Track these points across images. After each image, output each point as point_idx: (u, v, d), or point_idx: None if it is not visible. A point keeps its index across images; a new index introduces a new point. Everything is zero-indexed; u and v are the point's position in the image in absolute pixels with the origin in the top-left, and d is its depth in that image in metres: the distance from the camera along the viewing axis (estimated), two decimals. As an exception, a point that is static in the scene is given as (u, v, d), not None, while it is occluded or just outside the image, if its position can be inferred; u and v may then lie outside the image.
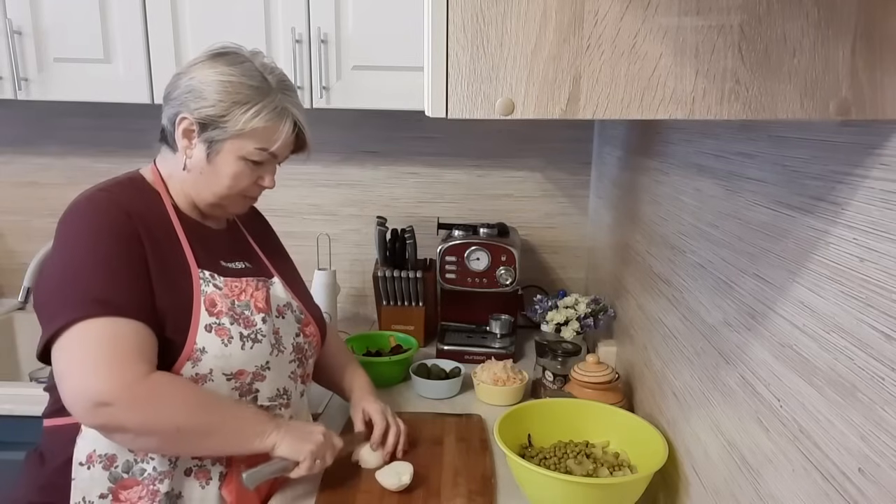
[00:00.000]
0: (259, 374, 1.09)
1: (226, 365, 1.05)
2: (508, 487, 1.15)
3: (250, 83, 1.05)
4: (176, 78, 1.10)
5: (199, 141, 1.07)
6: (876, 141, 0.59)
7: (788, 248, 0.73)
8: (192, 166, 1.09)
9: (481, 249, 1.71)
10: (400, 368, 1.59)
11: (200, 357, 1.03)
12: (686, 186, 1.11)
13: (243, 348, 1.06)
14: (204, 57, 1.08)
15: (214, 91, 1.04)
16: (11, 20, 1.59)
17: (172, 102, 1.08)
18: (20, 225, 2.11)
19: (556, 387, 1.46)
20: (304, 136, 1.13)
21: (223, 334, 1.05)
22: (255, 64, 1.08)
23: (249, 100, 1.05)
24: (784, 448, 0.72)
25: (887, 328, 0.56)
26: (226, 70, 1.05)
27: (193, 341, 1.02)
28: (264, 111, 1.05)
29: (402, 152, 2.02)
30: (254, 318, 1.09)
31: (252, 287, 1.11)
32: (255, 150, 1.07)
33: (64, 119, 2.03)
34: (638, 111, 0.55)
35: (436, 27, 0.54)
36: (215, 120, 1.05)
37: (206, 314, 1.04)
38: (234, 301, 1.08)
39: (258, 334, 1.08)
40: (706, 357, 0.98)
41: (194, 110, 1.05)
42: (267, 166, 1.12)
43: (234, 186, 1.10)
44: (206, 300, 1.05)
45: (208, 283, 1.07)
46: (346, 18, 1.58)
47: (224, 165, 1.08)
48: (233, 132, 1.05)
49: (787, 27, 0.53)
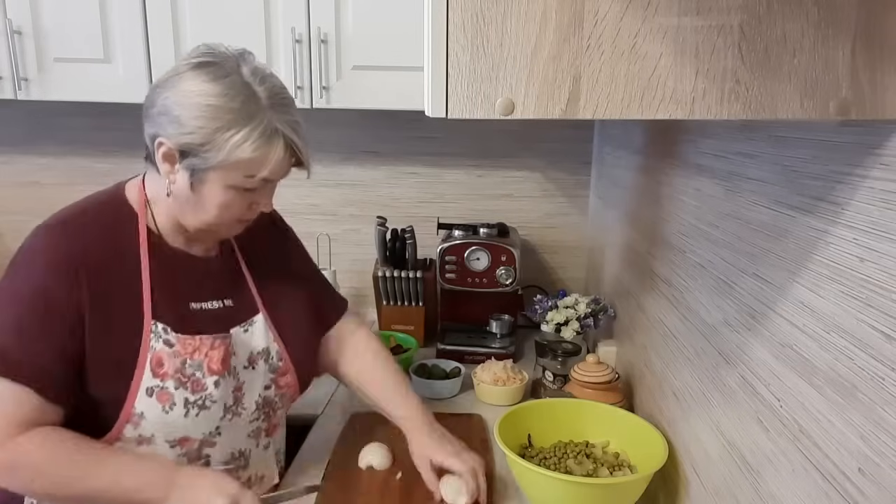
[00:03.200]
0: (208, 440, 1.01)
1: (168, 432, 0.97)
2: (509, 487, 1.15)
3: (232, 105, 0.90)
4: (153, 91, 0.96)
5: (181, 167, 0.94)
6: (876, 141, 0.59)
7: (788, 248, 0.73)
8: (175, 193, 0.97)
9: (481, 249, 1.71)
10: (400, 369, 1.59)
11: (139, 422, 0.95)
12: (686, 186, 1.11)
13: (187, 416, 0.97)
14: (184, 67, 0.93)
15: (193, 115, 0.90)
16: (11, 20, 1.59)
17: (150, 121, 0.95)
18: (20, 225, 2.07)
19: (556, 387, 1.46)
20: (302, 156, 0.98)
21: (165, 399, 0.96)
22: (243, 74, 0.93)
23: (233, 125, 0.90)
24: (784, 448, 0.72)
25: (887, 328, 0.56)
26: (206, 89, 0.90)
27: (132, 404, 0.94)
28: (251, 137, 0.91)
29: (402, 152, 2.02)
30: (204, 381, 0.99)
31: (207, 346, 1.00)
32: (245, 178, 0.94)
33: (64, 119, 2.03)
34: (638, 111, 0.55)
35: (436, 27, 0.54)
36: (196, 148, 0.91)
37: (149, 375, 0.95)
38: (185, 360, 0.98)
39: (207, 400, 0.99)
40: (706, 357, 0.98)
41: (171, 136, 0.92)
42: (261, 190, 0.99)
43: (224, 215, 0.98)
44: (152, 359, 0.96)
45: (158, 339, 0.97)
46: (346, 18, 1.58)
47: (210, 196, 0.95)
48: (216, 162, 0.92)
49: (787, 27, 0.53)
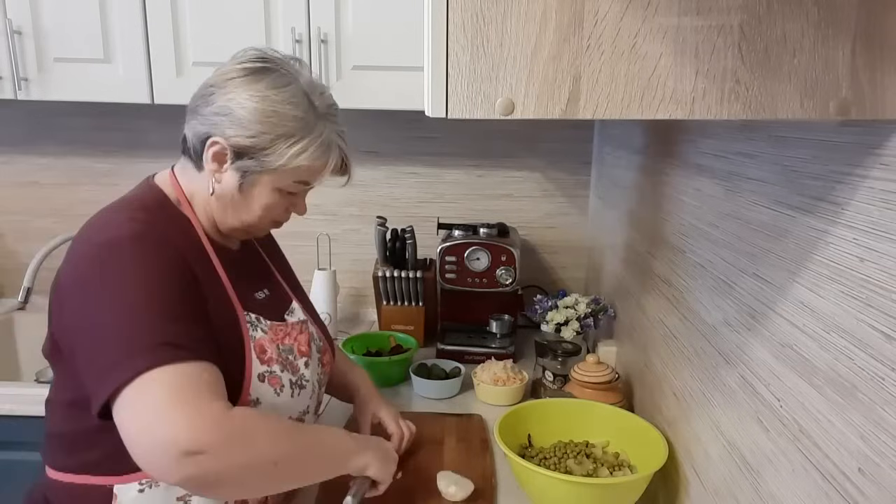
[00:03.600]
0: (300, 419, 1.02)
1: (277, 414, 0.96)
2: (509, 487, 1.15)
3: (295, 113, 0.93)
4: (207, 90, 0.95)
5: (232, 168, 0.95)
6: (876, 141, 0.59)
7: (788, 248, 0.73)
8: (220, 193, 0.97)
9: (481, 249, 1.71)
10: (400, 368, 1.59)
11: (254, 407, 0.94)
12: (686, 186, 1.11)
13: (293, 396, 0.99)
14: (242, 72, 0.94)
15: (256, 120, 0.91)
16: (11, 20, 1.59)
17: (202, 119, 0.95)
18: (20, 225, 2.11)
19: (556, 387, 1.46)
20: (348, 166, 1.05)
21: (275, 383, 0.96)
22: (302, 84, 0.95)
23: (295, 133, 0.93)
24: (784, 448, 0.72)
25: (887, 328, 0.56)
26: (269, 95, 0.92)
27: (248, 392, 0.93)
28: (311, 147, 0.94)
29: (402, 152, 2.02)
30: (297, 363, 1.01)
31: (296, 330, 1.04)
32: (295, 183, 0.98)
33: (64, 119, 2.02)
34: (638, 111, 0.55)
35: (436, 27, 0.54)
36: (254, 152, 0.93)
37: (257, 362, 0.95)
38: (278, 346, 1.00)
39: (302, 380, 1.01)
40: (706, 357, 0.98)
41: (230, 137, 0.92)
42: (301, 194, 1.04)
43: (266, 217, 1.00)
44: (255, 346, 0.96)
45: (255, 328, 0.98)
46: (346, 18, 1.58)
47: (258, 197, 0.97)
48: (273, 167, 0.94)
49: (787, 27, 0.53)
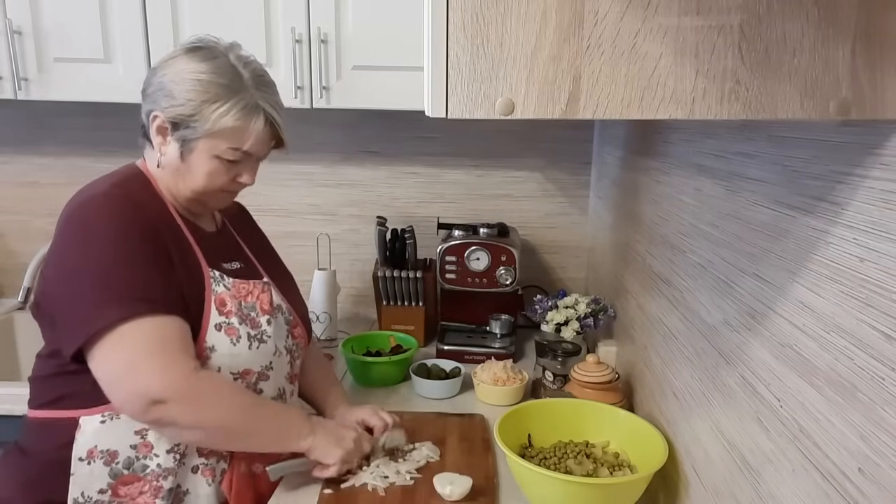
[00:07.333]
0: (263, 373, 1.12)
1: (233, 364, 1.07)
2: (510, 487, 1.15)
3: (221, 81, 1.04)
4: (151, 73, 1.09)
5: (173, 139, 1.06)
6: (876, 141, 0.59)
7: (788, 248, 0.73)
8: (165, 163, 1.08)
9: (481, 249, 1.71)
10: (400, 368, 1.59)
11: (210, 355, 1.05)
12: (686, 186, 1.11)
13: (250, 348, 1.08)
14: (179, 52, 1.07)
15: (185, 90, 1.03)
16: (11, 20, 1.59)
17: (147, 99, 1.08)
18: (20, 225, 2.10)
19: (556, 387, 1.46)
20: (281, 132, 1.11)
21: (232, 333, 1.06)
22: (230, 58, 1.06)
23: (219, 98, 1.03)
24: (784, 448, 0.72)
25: (887, 328, 0.56)
26: (198, 67, 1.04)
27: (203, 339, 1.04)
28: (234, 109, 1.04)
29: (402, 152, 2.02)
30: (259, 320, 1.11)
31: (258, 289, 1.13)
32: (228, 149, 1.06)
33: (64, 119, 2.02)
34: (638, 111, 0.55)
35: (436, 27, 0.54)
36: (186, 119, 1.04)
37: (216, 313, 1.06)
38: (240, 302, 1.10)
39: (263, 335, 1.10)
40: (706, 357, 0.98)
41: (165, 108, 1.04)
42: (244, 164, 1.11)
43: (211, 184, 1.09)
44: (216, 299, 1.07)
45: (218, 283, 1.08)
46: (346, 18, 1.58)
47: (198, 164, 1.07)
48: (203, 131, 1.04)
49: (787, 27, 0.53)
